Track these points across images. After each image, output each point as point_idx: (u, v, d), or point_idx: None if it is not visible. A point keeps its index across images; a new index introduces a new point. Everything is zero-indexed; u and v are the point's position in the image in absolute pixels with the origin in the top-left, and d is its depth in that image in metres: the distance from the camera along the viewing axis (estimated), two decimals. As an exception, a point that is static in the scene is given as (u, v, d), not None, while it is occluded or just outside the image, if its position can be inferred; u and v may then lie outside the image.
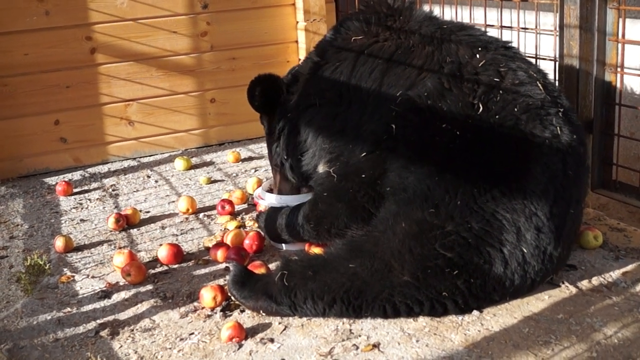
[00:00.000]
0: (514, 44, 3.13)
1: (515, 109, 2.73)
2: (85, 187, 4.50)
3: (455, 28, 3.08)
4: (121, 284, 3.15)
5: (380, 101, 2.98)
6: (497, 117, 2.72)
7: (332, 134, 3.13)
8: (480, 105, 2.74)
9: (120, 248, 3.52)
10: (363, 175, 2.92)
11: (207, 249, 3.44)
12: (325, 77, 3.20)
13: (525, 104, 2.75)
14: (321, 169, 3.20)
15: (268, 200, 3.47)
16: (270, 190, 3.57)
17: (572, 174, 2.75)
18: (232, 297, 2.86)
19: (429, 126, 2.78)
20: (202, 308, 2.88)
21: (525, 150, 2.69)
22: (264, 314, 2.79)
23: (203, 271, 3.23)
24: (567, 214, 2.74)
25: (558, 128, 2.73)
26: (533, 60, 3.51)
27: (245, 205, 4.00)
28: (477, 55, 2.89)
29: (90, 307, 2.97)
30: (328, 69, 3.22)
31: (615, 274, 2.93)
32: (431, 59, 2.94)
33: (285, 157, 3.39)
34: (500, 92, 2.76)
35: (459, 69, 2.86)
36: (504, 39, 3.39)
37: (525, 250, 2.64)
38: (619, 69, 3.54)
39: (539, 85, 2.82)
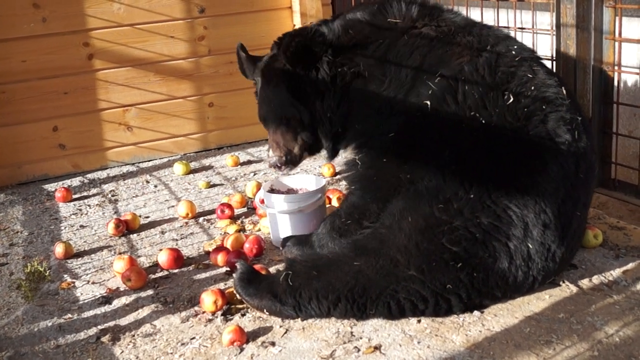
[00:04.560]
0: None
1: (544, 107, 2.79)
2: (85, 193, 4.51)
3: (487, 26, 3.15)
4: (122, 289, 3.15)
5: (418, 81, 2.98)
6: (525, 110, 2.77)
7: (368, 115, 3.10)
8: (511, 97, 2.79)
9: (120, 253, 3.52)
10: (392, 158, 2.92)
11: (207, 253, 3.44)
12: (369, 53, 3.13)
13: (553, 104, 2.81)
14: (349, 154, 3.19)
15: (276, 202, 3.45)
16: (271, 191, 3.56)
17: (583, 177, 2.81)
18: (237, 295, 2.86)
19: (460, 112, 2.81)
20: (203, 312, 2.88)
21: (546, 147, 2.74)
22: (267, 313, 2.79)
23: (203, 275, 3.23)
24: (573, 214, 2.78)
25: (577, 133, 2.79)
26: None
27: (245, 209, 4.00)
28: (513, 52, 2.95)
29: (91, 313, 2.97)
30: (371, 46, 3.14)
31: (615, 273, 2.93)
32: (470, 47, 2.97)
33: (330, 124, 3.23)
34: (532, 88, 2.82)
35: (497, 59, 2.91)
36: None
37: (530, 246, 2.67)
38: (616, 68, 3.54)
39: (564, 90, 2.89)
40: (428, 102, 2.87)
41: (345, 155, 3.28)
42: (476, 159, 2.73)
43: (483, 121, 2.76)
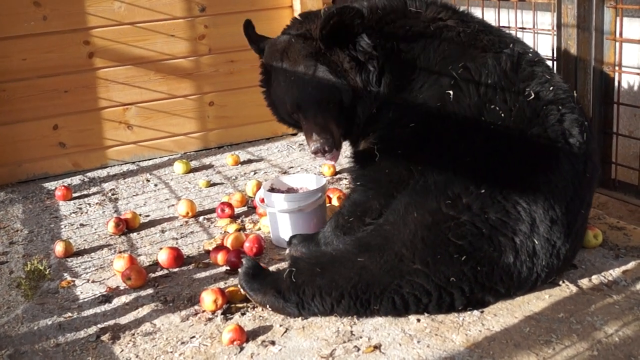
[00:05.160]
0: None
1: (560, 107, 2.83)
2: (85, 192, 4.50)
3: (502, 29, 3.20)
4: (122, 288, 3.15)
5: (443, 70, 2.95)
6: (544, 107, 2.81)
7: (398, 101, 3.02)
8: (532, 93, 2.82)
9: (120, 252, 3.51)
10: (406, 149, 2.91)
11: (207, 252, 3.44)
12: (399, 37, 3.06)
13: (568, 106, 2.85)
14: (362, 144, 3.15)
15: (276, 202, 3.44)
16: (271, 190, 3.56)
17: (589, 177, 2.86)
18: (241, 290, 2.87)
19: (481, 104, 2.83)
20: (203, 311, 2.88)
21: (560, 146, 2.77)
22: (270, 309, 2.80)
23: (203, 274, 3.23)
24: (579, 213, 2.82)
25: (585, 135, 2.83)
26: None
27: (245, 208, 4.00)
28: (530, 54, 2.99)
29: (91, 311, 2.97)
30: (401, 30, 3.06)
31: (615, 273, 2.94)
32: (492, 44, 2.98)
33: (369, 99, 3.08)
34: (550, 88, 2.86)
35: (518, 58, 2.93)
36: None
37: (536, 242, 2.70)
38: (616, 68, 3.55)
39: (574, 95, 2.95)
40: (451, 92, 2.87)
41: (350, 151, 3.26)
42: (491, 154, 2.75)
43: (502, 114, 2.79)
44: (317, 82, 3.03)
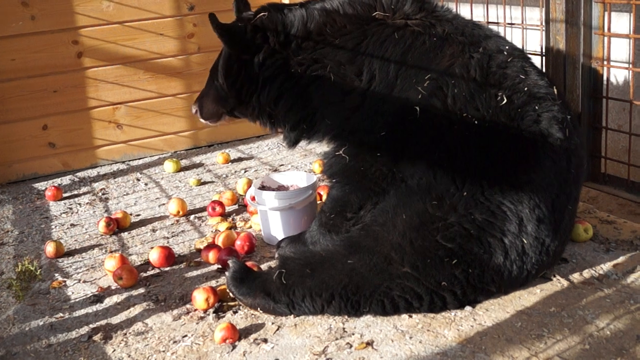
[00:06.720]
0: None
1: (536, 107, 2.78)
2: (75, 192, 4.49)
3: (479, 25, 3.10)
4: (113, 287, 3.14)
5: (409, 82, 2.91)
6: (519, 110, 2.77)
7: (341, 110, 3.02)
8: (505, 98, 2.78)
9: (111, 252, 3.51)
10: (379, 154, 2.90)
11: (199, 250, 3.43)
12: (345, 49, 3.02)
13: (545, 104, 2.81)
14: (326, 146, 3.16)
15: (267, 199, 3.43)
16: (262, 188, 3.55)
17: (574, 172, 2.83)
18: (230, 294, 2.86)
19: (451, 114, 2.79)
20: (195, 310, 2.88)
21: (540, 145, 2.75)
22: (261, 311, 2.79)
23: (195, 273, 3.22)
24: (565, 209, 2.80)
25: (568, 131, 2.80)
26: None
27: (236, 206, 4.00)
28: (505, 52, 2.92)
29: (82, 311, 2.96)
30: (349, 41, 3.03)
31: (606, 266, 2.95)
32: (462, 49, 2.91)
33: (271, 109, 3.24)
34: (525, 88, 2.81)
35: (489, 61, 2.87)
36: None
37: (525, 241, 2.69)
38: (605, 62, 3.56)
39: (555, 90, 2.89)
40: (417, 108, 2.82)
41: (308, 147, 3.25)
42: (468, 158, 2.73)
43: (476, 122, 2.75)
44: (220, 62, 3.36)
